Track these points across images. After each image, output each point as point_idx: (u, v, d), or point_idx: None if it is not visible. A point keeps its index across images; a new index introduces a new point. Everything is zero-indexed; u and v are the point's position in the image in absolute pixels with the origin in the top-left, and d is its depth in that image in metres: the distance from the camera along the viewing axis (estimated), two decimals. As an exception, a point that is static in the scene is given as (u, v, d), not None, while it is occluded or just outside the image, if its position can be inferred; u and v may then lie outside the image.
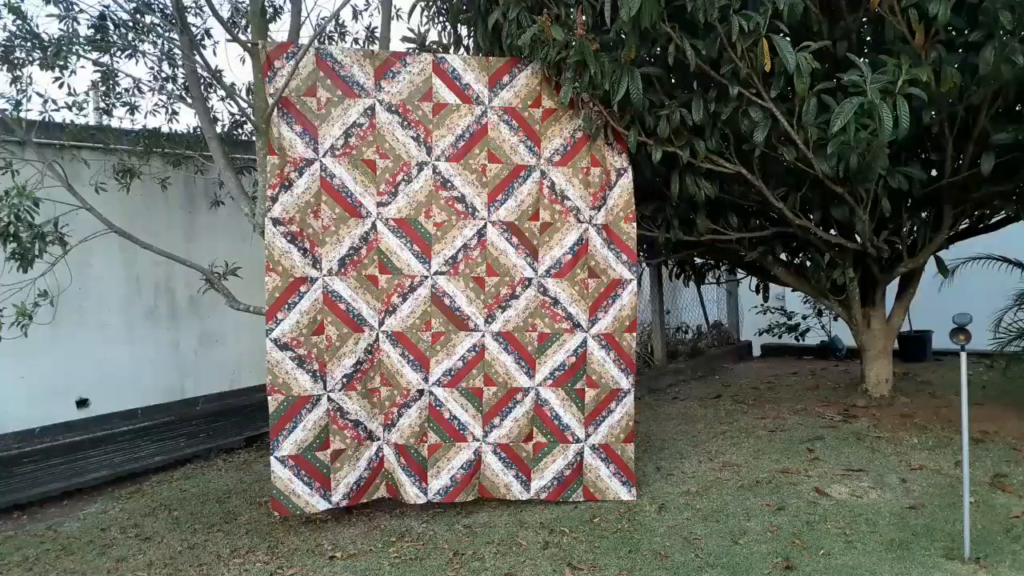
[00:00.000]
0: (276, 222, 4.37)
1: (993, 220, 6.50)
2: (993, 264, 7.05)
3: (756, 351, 10.63)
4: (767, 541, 4.00)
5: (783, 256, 6.84)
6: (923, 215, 6.06)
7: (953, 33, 4.76)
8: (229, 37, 5.00)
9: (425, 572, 3.88)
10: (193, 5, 6.34)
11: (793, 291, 7.54)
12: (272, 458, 4.38)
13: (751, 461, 5.34)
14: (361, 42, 7.13)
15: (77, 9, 5.45)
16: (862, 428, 5.92)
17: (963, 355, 3.64)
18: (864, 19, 5.13)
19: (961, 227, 6.48)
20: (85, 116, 6.14)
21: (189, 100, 5.90)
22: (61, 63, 5.26)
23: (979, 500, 4.31)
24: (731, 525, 4.24)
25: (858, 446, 5.48)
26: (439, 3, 6.32)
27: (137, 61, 6.11)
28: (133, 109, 6.42)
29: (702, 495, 4.73)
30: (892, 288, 6.62)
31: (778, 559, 3.78)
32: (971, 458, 3.92)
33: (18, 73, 5.47)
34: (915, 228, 6.03)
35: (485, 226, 4.61)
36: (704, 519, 4.35)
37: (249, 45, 4.82)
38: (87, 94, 6.10)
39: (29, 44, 5.34)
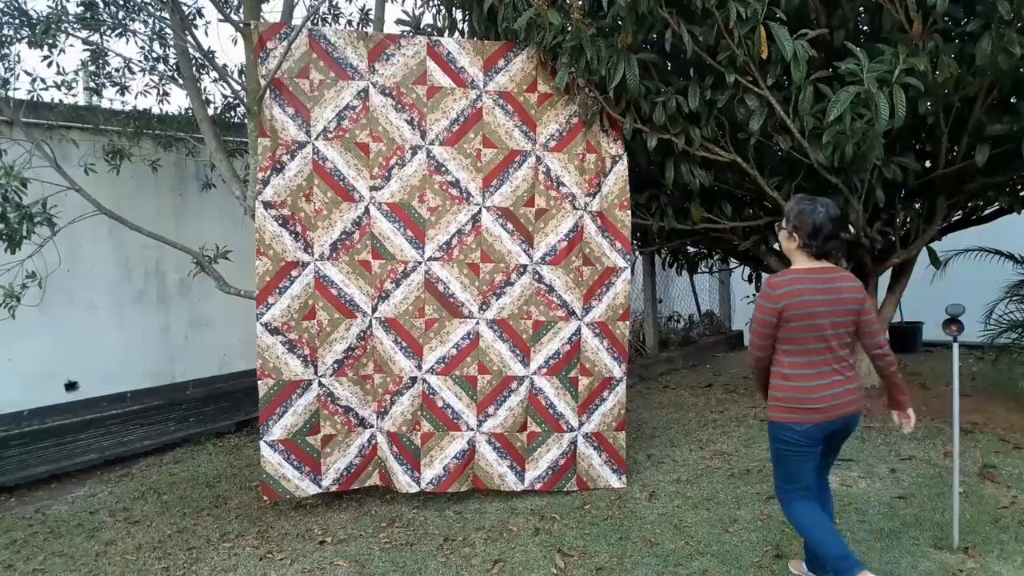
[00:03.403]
0: (267, 205, 4.33)
1: (986, 212, 6.51)
2: (985, 256, 7.07)
3: (747, 341, 10.65)
4: (757, 529, 4.02)
5: (776, 246, 6.83)
6: (916, 206, 6.06)
7: (950, 23, 4.74)
8: (221, 17, 4.93)
9: (415, 558, 3.87)
10: (185, -16, 6.26)
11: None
12: (262, 442, 4.36)
13: (741, 450, 5.35)
14: (355, 24, 7.05)
15: (66, -14, 5.37)
16: (852, 418, 5.93)
17: (955, 346, 3.64)
18: (862, 8, 5.09)
19: (954, 219, 6.48)
20: (74, 96, 6.07)
21: (180, 81, 5.82)
22: (50, 41, 5.18)
23: (968, 490, 4.33)
24: (721, 513, 4.25)
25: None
26: (434, -15, 6.26)
27: (127, 40, 6.04)
28: (123, 89, 6.34)
29: (693, 483, 4.74)
30: (884, 279, 6.63)
31: (768, 547, 3.79)
32: (960, 449, 3.93)
33: (6, 51, 5.38)
34: (908, 219, 6.02)
35: (480, 212, 4.57)
36: (694, 507, 4.36)
37: (241, 25, 4.75)
38: (76, 73, 6.00)
39: (17, 21, 5.26)
